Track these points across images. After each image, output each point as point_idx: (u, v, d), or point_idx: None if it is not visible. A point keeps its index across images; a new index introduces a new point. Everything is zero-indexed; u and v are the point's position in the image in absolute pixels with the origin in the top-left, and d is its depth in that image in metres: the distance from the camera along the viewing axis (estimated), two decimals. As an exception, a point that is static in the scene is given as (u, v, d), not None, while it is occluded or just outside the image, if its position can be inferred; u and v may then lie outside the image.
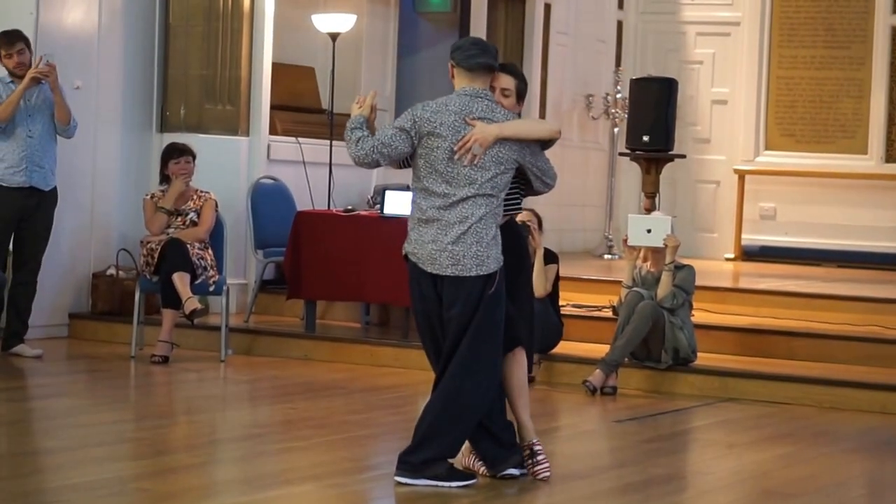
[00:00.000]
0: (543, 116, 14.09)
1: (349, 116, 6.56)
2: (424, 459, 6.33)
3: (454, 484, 6.36)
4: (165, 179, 10.15)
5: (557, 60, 14.44)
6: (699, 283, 9.63)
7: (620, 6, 15.42)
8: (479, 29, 13.42)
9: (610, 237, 14.54)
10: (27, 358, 9.62)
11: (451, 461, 6.43)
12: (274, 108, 11.59)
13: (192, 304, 9.60)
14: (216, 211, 10.14)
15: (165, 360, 9.70)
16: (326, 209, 11.26)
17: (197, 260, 9.86)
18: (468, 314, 6.31)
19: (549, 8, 14.33)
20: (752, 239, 14.71)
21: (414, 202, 6.47)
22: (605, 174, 15.01)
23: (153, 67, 11.25)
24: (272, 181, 11.32)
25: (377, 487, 6.54)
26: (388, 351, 10.04)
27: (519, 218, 9.53)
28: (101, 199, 10.84)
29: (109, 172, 10.93)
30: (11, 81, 9.58)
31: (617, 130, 14.69)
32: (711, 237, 14.95)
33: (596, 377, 9.10)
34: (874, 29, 14.50)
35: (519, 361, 6.58)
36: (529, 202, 7.63)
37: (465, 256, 6.31)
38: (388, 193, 10.29)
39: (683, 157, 12.74)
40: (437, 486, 6.32)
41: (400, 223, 10.11)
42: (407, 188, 10.67)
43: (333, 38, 11.72)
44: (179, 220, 10.05)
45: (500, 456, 6.54)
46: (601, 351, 9.29)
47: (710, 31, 15.11)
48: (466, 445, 6.58)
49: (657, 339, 9.24)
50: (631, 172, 14.26)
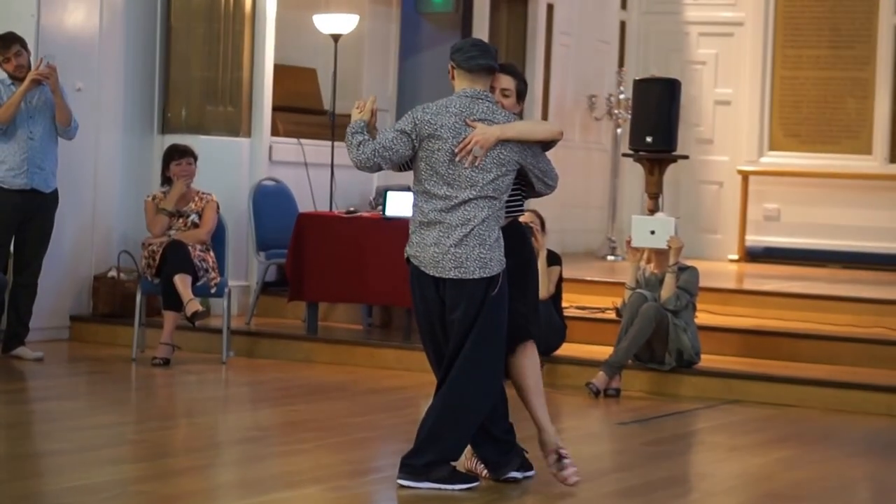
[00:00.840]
0: (546, 117, 14.08)
1: (350, 118, 6.54)
2: (427, 462, 6.32)
3: (456, 487, 6.34)
4: (167, 181, 10.13)
5: (560, 61, 14.43)
6: (703, 284, 9.61)
7: (623, 6, 15.41)
8: (481, 29, 13.43)
9: (613, 238, 14.52)
10: (28, 360, 9.62)
11: (453, 464, 6.41)
12: (275, 109, 11.57)
13: (193, 306, 9.58)
14: (218, 212, 10.13)
15: (166, 362, 9.68)
16: (328, 210, 11.26)
17: (198, 262, 9.84)
18: (471, 317, 6.29)
19: (551, 8, 14.32)
20: (756, 240, 14.69)
21: (415, 205, 6.45)
22: (607, 175, 15.00)
23: (154, 69, 11.24)
24: (274, 182, 11.30)
25: (379, 490, 6.51)
26: (390, 353, 10.03)
27: (521, 219, 9.53)
28: (102, 200, 10.83)
29: (110, 174, 10.92)
30: (12, 84, 9.57)
31: (620, 131, 14.67)
32: (715, 238, 14.94)
33: (599, 379, 9.09)
34: (878, 29, 14.49)
35: (530, 356, 6.55)
36: (532, 203, 7.60)
37: (468, 259, 6.28)
38: (389, 195, 10.27)
39: (686, 157, 12.69)
40: (439, 489, 6.31)
41: (402, 224, 10.11)
42: (408, 189, 10.62)
43: (335, 38, 11.72)
44: (181, 221, 10.03)
45: (501, 459, 6.52)
46: (604, 353, 9.28)
47: (713, 31, 15.10)
48: (469, 448, 6.55)
49: (661, 340, 9.22)
50: (634, 173, 14.24)
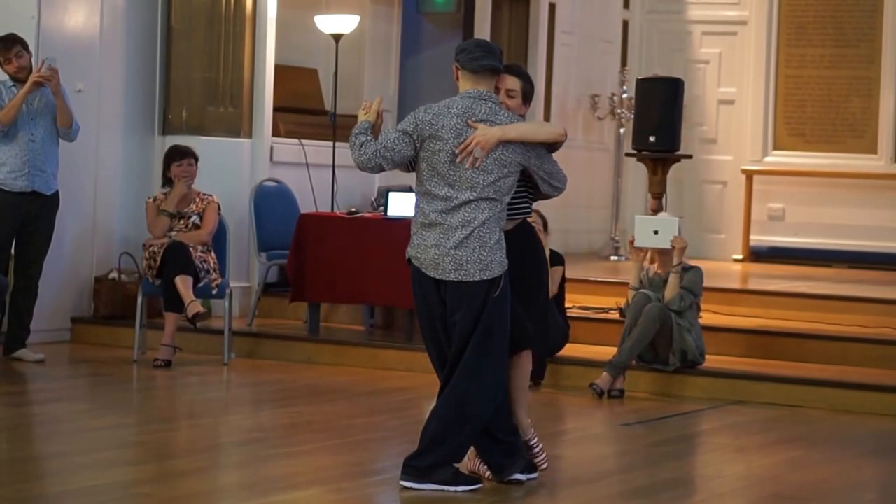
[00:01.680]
0: (548, 117, 14.06)
1: (354, 119, 6.52)
2: (430, 464, 6.29)
3: (460, 488, 6.31)
4: (168, 182, 10.11)
5: (562, 60, 14.42)
6: (707, 284, 9.57)
7: (626, 6, 15.39)
8: (482, 29, 13.41)
9: (616, 238, 14.50)
10: (29, 362, 9.60)
11: (456, 465, 6.37)
12: (276, 109, 11.55)
13: (194, 307, 9.56)
14: (219, 213, 10.11)
15: (168, 363, 9.66)
16: (330, 211, 11.24)
17: (199, 263, 9.82)
18: (472, 319, 6.25)
19: (553, 8, 14.30)
20: (760, 240, 14.65)
21: (417, 206, 6.43)
22: (610, 175, 14.97)
23: (155, 70, 11.21)
24: (275, 183, 11.27)
25: (382, 492, 6.49)
26: (392, 354, 10.00)
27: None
28: (103, 202, 10.81)
29: (111, 175, 10.90)
30: (13, 85, 9.54)
31: (623, 131, 14.64)
32: (719, 238, 14.91)
33: (603, 380, 9.06)
34: (883, 27, 14.44)
35: (523, 365, 6.53)
36: (536, 204, 7.54)
37: (468, 261, 6.24)
38: (391, 195, 10.27)
39: (690, 157, 12.66)
40: (442, 490, 6.28)
41: (404, 225, 10.08)
42: (410, 189, 10.65)
43: (336, 39, 11.70)
44: (182, 222, 10.00)
45: (505, 461, 6.48)
46: (608, 353, 9.25)
47: (716, 30, 15.07)
48: (472, 450, 6.51)
49: (665, 341, 9.20)
50: (637, 173, 14.24)
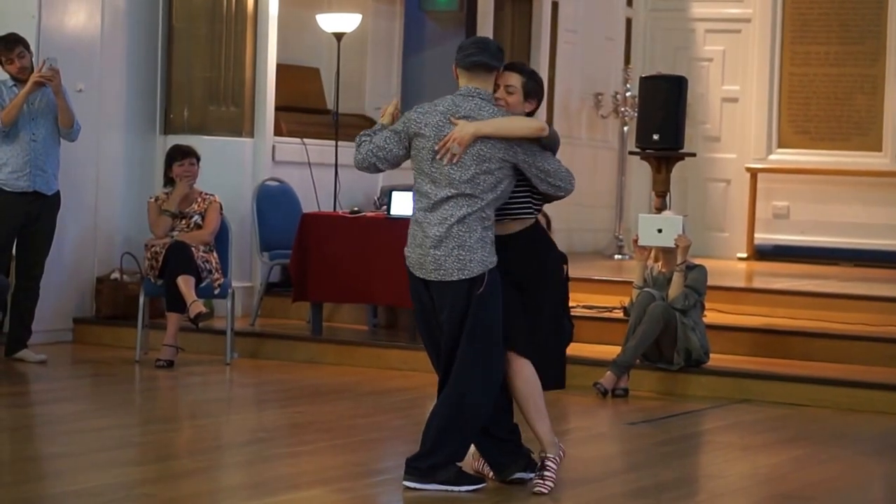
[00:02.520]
0: (551, 115, 14.06)
1: (355, 117, 6.51)
2: (433, 464, 6.27)
3: (463, 488, 6.29)
4: (169, 182, 10.09)
5: (565, 58, 14.41)
6: (711, 283, 9.56)
7: (629, 3, 15.39)
8: (485, 27, 13.40)
9: (620, 237, 14.49)
10: (31, 363, 9.59)
11: (459, 465, 6.35)
12: (278, 109, 11.53)
13: (196, 307, 9.53)
14: (221, 213, 10.10)
15: (170, 364, 9.64)
16: (332, 211, 11.22)
17: (201, 263, 9.80)
18: (458, 318, 6.24)
19: (556, 6, 14.29)
20: (765, 238, 14.63)
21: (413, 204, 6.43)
22: (614, 173, 14.97)
23: (156, 70, 11.19)
24: (277, 183, 11.25)
25: (385, 492, 6.47)
26: (395, 353, 9.98)
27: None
28: (104, 202, 10.79)
29: (113, 175, 10.88)
30: (14, 85, 9.51)
31: (626, 129, 14.64)
32: (723, 236, 14.89)
33: (607, 379, 9.04)
34: (888, 24, 14.44)
35: (521, 373, 6.45)
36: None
37: (446, 260, 6.22)
38: (394, 194, 10.22)
39: (694, 155, 12.65)
40: (446, 490, 6.25)
41: (406, 224, 10.06)
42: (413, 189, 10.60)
43: (338, 38, 11.69)
44: (184, 222, 9.98)
45: (506, 460, 6.46)
46: (612, 352, 9.24)
47: (720, 27, 15.07)
48: (474, 449, 6.48)
49: (669, 340, 9.17)
50: (641, 171, 14.21)
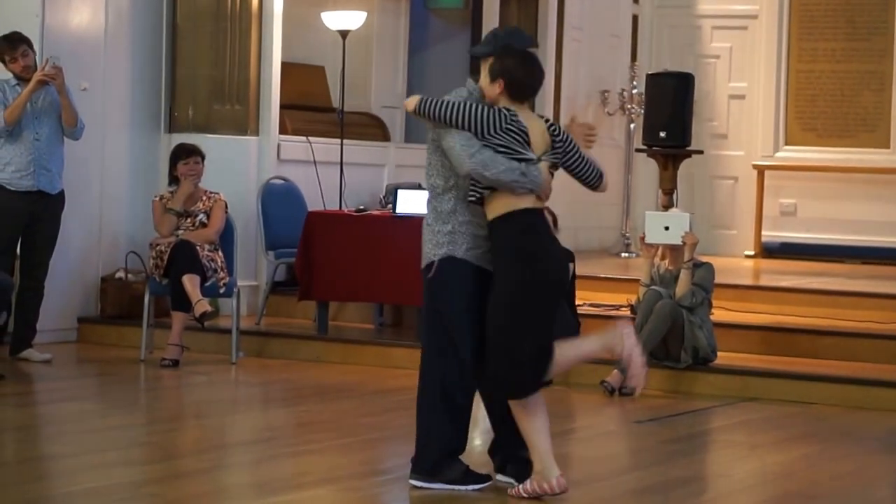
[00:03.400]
0: (558, 113, 14.05)
1: (360, 115, 6.45)
2: (434, 461, 6.22)
3: (469, 487, 6.27)
4: (174, 181, 10.07)
5: (571, 55, 14.37)
6: (719, 280, 9.54)
7: (635, 0, 15.31)
8: (491, 25, 13.35)
9: (627, 235, 14.46)
10: (35, 362, 9.57)
11: (466, 463, 6.30)
12: (283, 107, 11.51)
13: (202, 306, 9.51)
14: (226, 212, 10.08)
15: (175, 363, 9.62)
16: (338, 209, 11.20)
17: (207, 262, 9.77)
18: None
19: (562, 2, 14.26)
20: (772, 236, 14.60)
21: None
22: (621, 171, 14.94)
23: (161, 68, 11.18)
24: (282, 181, 11.23)
25: (392, 491, 6.46)
26: (401, 352, 9.94)
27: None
28: (109, 201, 10.77)
29: (117, 174, 10.87)
30: (17, 84, 9.48)
31: (633, 126, 14.61)
32: (730, 234, 14.86)
33: (614, 377, 9.02)
34: (895, 20, 14.36)
35: (503, 400, 6.31)
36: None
37: None
38: (400, 193, 10.23)
39: (701, 152, 12.65)
40: (452, 489, 6.21)
41: (412, 223, 10.02)
42: (419, 187, 10.60)
43: (343, 35, 11.68)
44: (189, 221, 9.96)
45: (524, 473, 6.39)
46: (619, 351, 9.17)
47: (726, 24, 15.03)
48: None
49: (676, 338, 9.15)
50: (648, 169, 14.19)
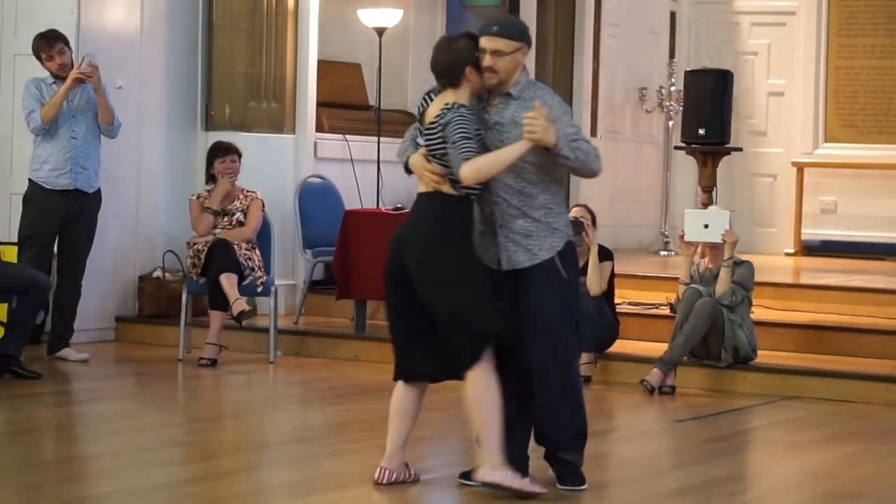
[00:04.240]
0: (596, 110, 14.06)
1: (397, 112, 6.39)
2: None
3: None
4: (211, 179, 10.06)
5: (609, 53, 14.33)
6: (758, 278, 9.49)
7: (673, -4, 15.30)
8: (527, 22, 13.15)
9: (666, 233, 14.40)
10: (73, 362, 9.56)
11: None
12: (320, 105, 11.49)
13: (239, 305, 9.50)
14: (263, 210, 10.06)
15: (213, 362, 9.60)
16: (375, 207, 11.17)
17: (244, 260, 9.76)
18: None
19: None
20: (812, 233, 14.50)
21: None
22: (660, 169, 14.89)
23: (197, 65, 11.18)
24: (319, 180, 11.21)
25: (431, 490, 6.41)
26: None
27: (572, 214, 9.45)
28: (145, 200, 10.77)
29: (154, 173, 10.87)
30: (54, 83, 9.48)
31: (671, 124, 14.55)
32: (770, 232, 14.78)
33: (654, 376, 8.98)
34: (937, 16, 14.29)
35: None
36: (582, 198, 7.41)
37: None
38: (437, 191, 10.16)
39: (740, 150, 12.60)
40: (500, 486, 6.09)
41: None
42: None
43: (380, 33, 11.66)
44: (226, 220, 9.95)
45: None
46: (658, 349, 9.18)
47: (765, 20, 14.96)
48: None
49: (716, 336, 9.11)
50: (687, 166, 14.14)
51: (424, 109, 6.14)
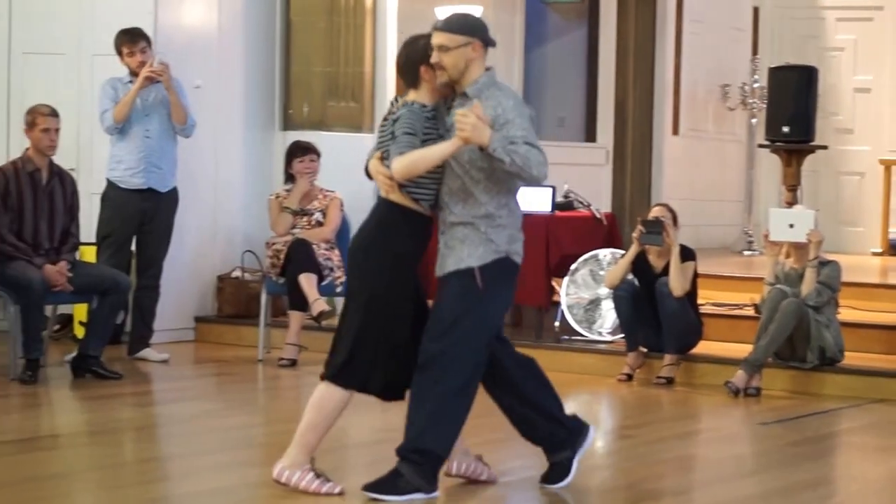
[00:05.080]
0: (677, 108, 13.93)
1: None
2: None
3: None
4: (290, 179, 10.04)
5: (691, 49, 14.23)
6: (845, 279, 9.35)
7: (756, -8, 15.15)
8: (608, 19, 13.27)
9: (750, 232, 14.24)
10: (153, 362, 9.58)
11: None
12: (398, 103, 11.42)
13: (319, 305, 9.47)
14: (342, 210, 10.04)
15: (293, 363, 9.59)
16: (454, 207, 11.09)
17: (323, 261, 9.73)
18: None
19: (682, -5, 14.10)
20: (900, 233, 14.28)
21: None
22: (742, 167, 14.75)
23: (274, 64, 11.19)
24: (399, 179, 11.14)
25: (515, 493, 6.38)
26: (519, 352, 9.80)
27: (652, 214, 9.35)
28: (224, 199, 10.79)
29: (232, 172, 10.89)
30: (130, 81, 9.50)
31: (755, 121, 14.39)
32: (857, 231, 14.58)
33: (738, 378, 8.91)
34: None
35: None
36: (664, 198, 7.31)
37: None
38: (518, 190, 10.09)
39: (825, 148, 12.45)
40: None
41: (530, 221, 9.93)
42: (537, 184, 10.45)
43: (459, 31, 11.53)
44: (305, 220, 9.93)
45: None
46: (743, 351, 9.09)
47: (850, 16, 14.76)
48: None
49: (802, 338, 9.01)
50: (770, 165, 13.98)
51: (389, 112, 6.06)
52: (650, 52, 13.47)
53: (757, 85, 14.30)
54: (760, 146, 12.86)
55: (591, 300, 10.06)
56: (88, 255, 9.66)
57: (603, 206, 11.64)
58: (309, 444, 6.11)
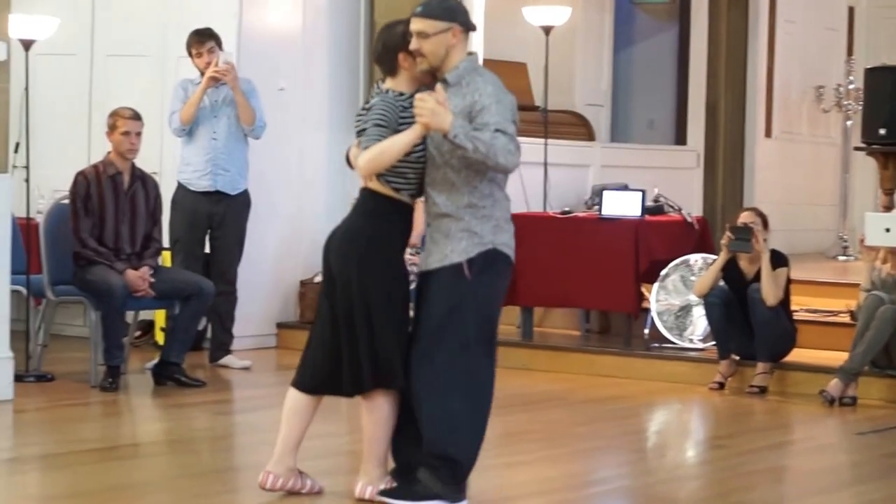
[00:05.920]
0: (770, 109, 13.82)
1: (564, 113, 6.09)
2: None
3: None
4: (373, 183, 9.91)
5: (785, 50, 14.10)
6: (945, 285, 9.16)
7: (851, -9, 14.96)
8: (699, 19, 13.16)
9: (845, 237, 14.03)
10: (235, 369, 9.52)
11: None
12: (486, 106, 11.32)
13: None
14: (426, 215, 9.88)
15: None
16: (542, 211, 11.02)
17: (407, 266, 9.58)
18: None
19: (775, -5, 13.93)
20: None
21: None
22: (837, 170, 14.58)
23: (359, 67, 11.14)
24: (485, 183, 11.04)
25: (606, 503, 6.33)
26: (608, 360, 9.78)
27: (741, 219, 9.19)
28: (307, 203, 10.75)
29: (315, 176, 10.84)
30: (200, 82, 9.40)
31: (850, 123, 14.20)
32: (957, 236, 14.26)
33: (834, 387, 8.78)
34: None
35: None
36: (756, 202, 7.14)
37: None
38: (605, 194, 10.17)
39: (923, 150, 12.17)
40: None
41: (619, 225, 9.83)
42: (626, 188, 10.31)
43: (546, 31, 11.59)
44: (388, 225, 9.80)
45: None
46: (838, 359, 8.97)
47: (949, 14, 14.51)
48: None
49: (900, 345, 8.91)
50: (866, 168, 13.82)
51: (366, 100, 5.92)
52: (742, 53, 13.31)
53: (852, 86, 14.12)
54: (856, 149, 12.70)
55: (681, 307, 9.94)
56: (168, 259, 9.60)
57: (694, 210, 11.50)
58: (380, 455, 5.99)
